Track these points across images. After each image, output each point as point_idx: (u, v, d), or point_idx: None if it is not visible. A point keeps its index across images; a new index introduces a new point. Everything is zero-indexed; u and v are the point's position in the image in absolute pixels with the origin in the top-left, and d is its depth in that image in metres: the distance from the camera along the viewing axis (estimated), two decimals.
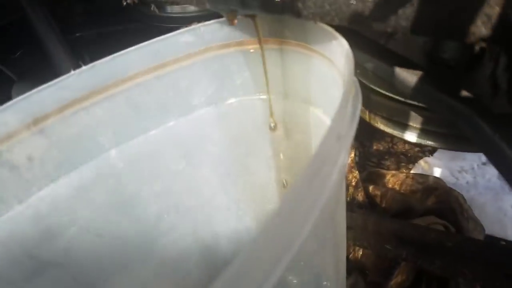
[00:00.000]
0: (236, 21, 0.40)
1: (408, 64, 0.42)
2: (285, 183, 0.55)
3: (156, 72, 0.44)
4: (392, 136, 0.59)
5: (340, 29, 0.32)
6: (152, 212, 0.51)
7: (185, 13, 0.81)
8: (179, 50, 0.43)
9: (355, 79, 0.30)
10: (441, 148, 0.47)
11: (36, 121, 0.40)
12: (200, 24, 0.43)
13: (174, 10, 0.81)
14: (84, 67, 0.40)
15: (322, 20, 0.31)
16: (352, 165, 0.84)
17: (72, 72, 0.40)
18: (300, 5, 0.30)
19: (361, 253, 0.75)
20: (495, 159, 0.34)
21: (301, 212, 0.20)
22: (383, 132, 0.54)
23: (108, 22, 0.83)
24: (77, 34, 0.83)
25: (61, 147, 0.42)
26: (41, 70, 0.78)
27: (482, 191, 0.45)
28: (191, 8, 0.80)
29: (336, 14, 0.29)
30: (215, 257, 0.60)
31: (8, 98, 0.73)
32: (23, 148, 0.40)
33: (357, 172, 0.83)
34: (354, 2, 0.28)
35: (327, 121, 0.40)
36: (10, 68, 0.78)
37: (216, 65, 0.46)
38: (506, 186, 0.82)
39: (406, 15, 0.27)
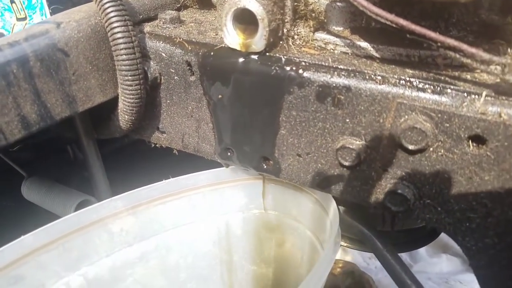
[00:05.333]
0: None
1: None
2: None
3: (214, 186, 0.66)
4: None
5: None
6: (181, 277, 0.71)
7: None
8: (232, 176, 0.66)
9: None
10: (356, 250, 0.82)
11: (133, 207, 0.61)
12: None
13: None
14: (171, 179, 0.62)
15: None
16: None
17: (164, 180, 0.62)
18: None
19: None
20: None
21: None
22: None
23: None
24: None
25: (140, 225, 0.63)
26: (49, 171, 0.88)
27: (386, 275, 0.67)
28: None
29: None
30: None
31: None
32: (120, 223, 0.61)
33: None
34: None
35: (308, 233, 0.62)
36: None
37: (249, 188, 0.68)
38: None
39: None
